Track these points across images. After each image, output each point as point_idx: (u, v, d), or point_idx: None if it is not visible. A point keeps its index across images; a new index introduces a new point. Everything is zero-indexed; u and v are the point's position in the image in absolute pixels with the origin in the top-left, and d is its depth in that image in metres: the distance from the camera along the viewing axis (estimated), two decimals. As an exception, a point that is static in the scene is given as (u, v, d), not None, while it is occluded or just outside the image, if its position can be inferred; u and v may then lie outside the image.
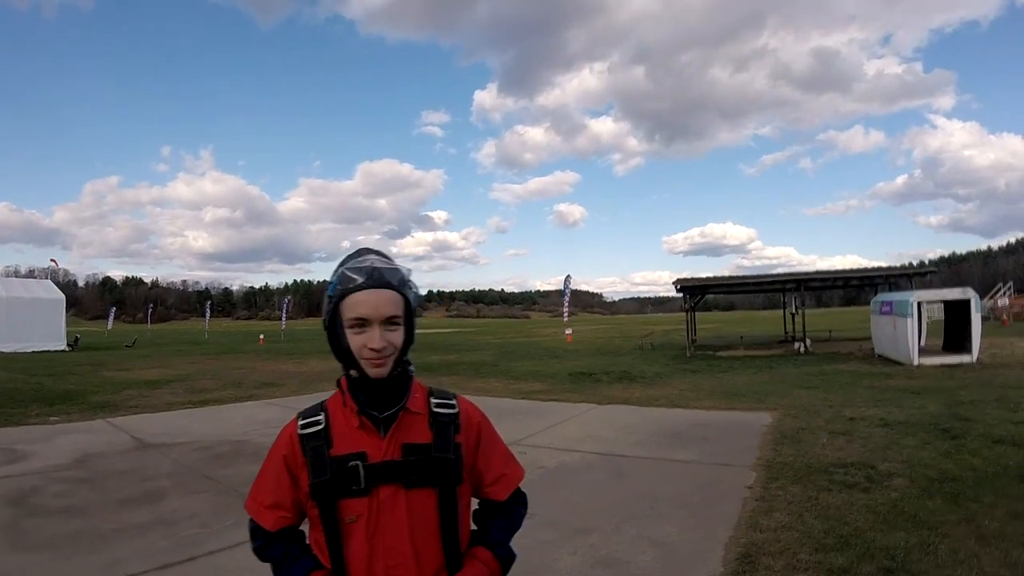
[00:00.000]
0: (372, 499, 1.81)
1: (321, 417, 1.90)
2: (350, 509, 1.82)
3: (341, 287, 1.82)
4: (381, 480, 1.82)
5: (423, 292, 2.04)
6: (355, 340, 1.81)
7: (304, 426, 1.89)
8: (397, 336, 1.83)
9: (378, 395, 1.86)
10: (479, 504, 2.12)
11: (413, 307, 1.90)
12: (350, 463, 1.81)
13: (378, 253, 1.93)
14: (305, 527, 1.98)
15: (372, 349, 1.78)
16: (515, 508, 2.14)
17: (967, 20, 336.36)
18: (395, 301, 1.83)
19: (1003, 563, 5.30)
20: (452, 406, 1.98)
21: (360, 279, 1.80)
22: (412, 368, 1.95)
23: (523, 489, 2.18)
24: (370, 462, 1.82)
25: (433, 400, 1.97)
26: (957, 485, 7.48)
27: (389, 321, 1.81)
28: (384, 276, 1.83)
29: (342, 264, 1.90)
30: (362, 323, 1.79)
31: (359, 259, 1.89)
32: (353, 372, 1.87)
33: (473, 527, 2.08)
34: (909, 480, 7.81)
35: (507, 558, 2.03)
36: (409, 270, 1.93)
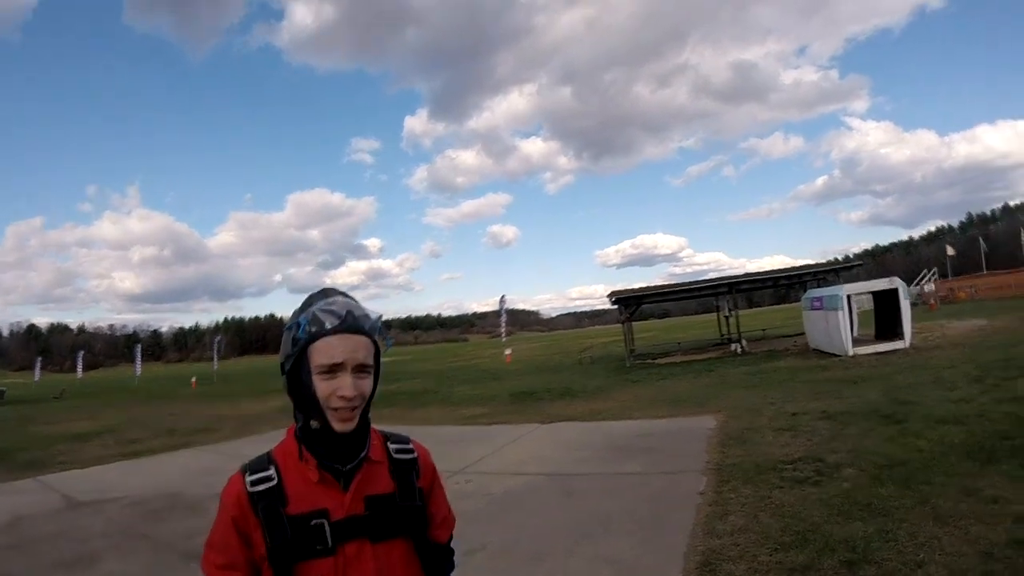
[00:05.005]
0: (338, 558, 1.64)
1: (272, 472, 1.70)
2: (313, 570, 1.63)
3: (313, 329, 1.65)
4: (347, 537, 1.66)
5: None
6: (324, 387, 1.63)
7: (254, 483, 1.69)
8: (367, 385, 1.69)
9: (339, 447, 1.69)
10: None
11: (381, 356, 1.78)
12: (312, 522, 1.64)
13: (343, 294, 1.78)
14: None
15: (342, 397, 1.62)
16: (453, 550, 2.01)
17: (880, 27, 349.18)
18: (368, 348, 1.70)
19: (964, 540, 5.29)
20: (411, 451, 1.88)
21: (334, 322, 1.65)
22: (369, 415, 1.79)
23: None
24: (334, 519, 1.65)
25: (391, 446, 1.85)
26: (906, 469, 7.49)
27: (361, 369, 1.67)
28: (358, 320, 1.68)
29: (307, 304, 1.73)
30: (333, 369, 1.63)
31: (329, 300, 1.72)
32: (314, 423, 1.68)
33: None
34: (859, 469, 7.78)
35: None
36: (380, 316, 1.78)
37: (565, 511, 7.86)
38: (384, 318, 1.80)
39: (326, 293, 1.77)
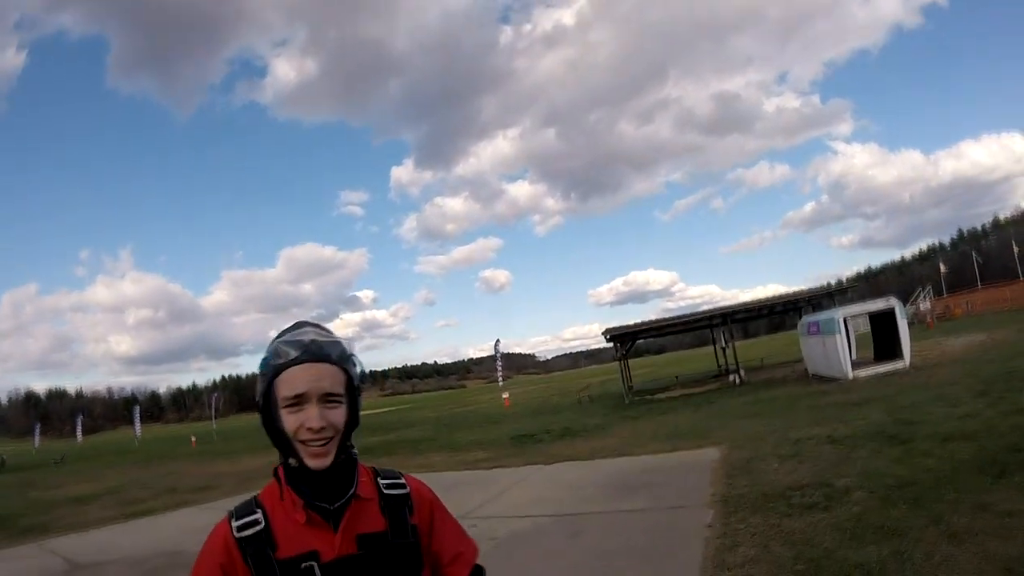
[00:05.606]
0: None
1: (259, 515, 1.62)
2: None
3: (275, 362, 1.59)
4: None
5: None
6: (291, 420, 1.55)
7: (240, 528, 1.60)
8: (337, 415, 1.59)
9: (324, 484, 1.60)
10: None
11: (356, 383, 1.68)
12: (303, 565, 1.55)
13: (316, 326, 1.69)
14: None
15: (310, 429, 1.53)
16: None
17: (858, 49, 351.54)
18: (334, 376, 1.60)
19: (981, 557, 5.14)
20: (402, 486, 1.76)
21: (296, 352, 1.58)
22: (355, 451, 1.70)
23: (481, 563, 1.87)
24: (324, 561, 1.56)
25: (381, 481, 1.74)
26: (917, 489, 7.32)
27: (328, 398, 1.57)
28: (323, 349, 1.60)
29: (278, 338, 1.66)
30: (298, 401, 1.55)
31: (295, 332, 1.65)
32: (292, 461, 1.60)
33: None
34: (868, 492, 7.62)
35: None
36: (351, 342, 1.70)
37: (571, 552, 7.72)
38: (380, 368, 1.70)
39: (296, 326, 1.69)
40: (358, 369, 1.70)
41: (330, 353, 1.60)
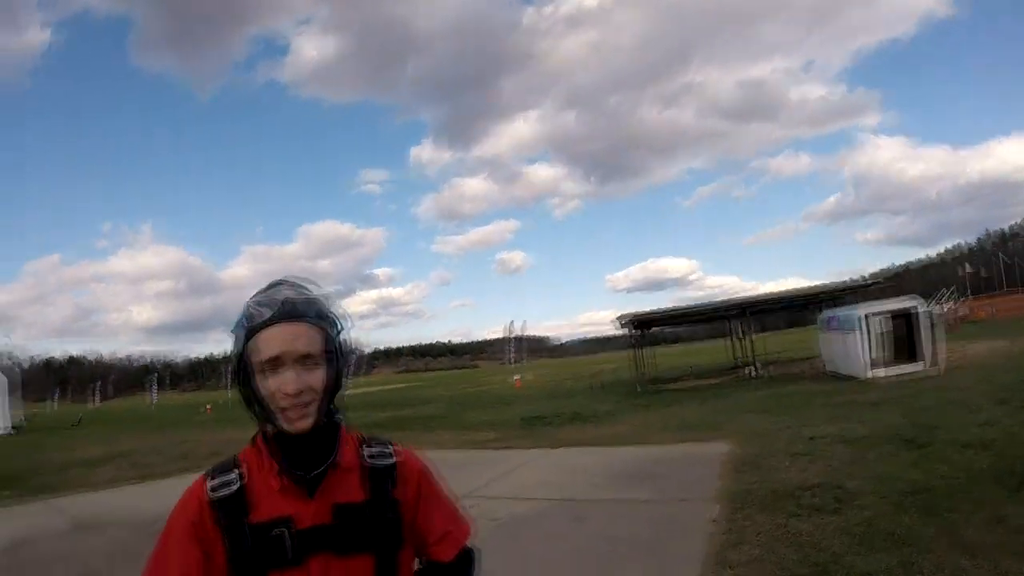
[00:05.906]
0: (302, 570, 1.49)
1: (234, 476, 1.56)
2: None
3: (248, 324, 1.51)
4: (312, 549, 1.50)
5: (368, 350, 1.55)
6: (267, 385, 1.48)
7: (215, 488, 1.54)
8: (316, 378, 1.50)
9: (302, 451, 1.52)
10: (423, 566, 1.76)
11: (338, 343, 1.58)
12: (274, 531, 1.49)
13: (294, 284, 1.59)
14: None
15: (287, 394, 1.46)
16: (464, 569, 1.78)
17: (887, 39, 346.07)
18: (311, 336, 1.51)
19: (993, 573, 5.00)
20: (388, 455, 1.67)
21: (269, 312, 1.49)
22: (340, 416, 1.63)
23: (473, 545, 1.79)
24: (297, 528, 1.50)
25: (366, 450, 1.66)
26: (930, 496, 7.15)
27: (305, 360, 1.49)
28: (297, 307, 1.51)
29: (252, 297, 1.58)
30: (274, 364, 1.47)
31: (270, 291, 1.56)
32: (270, 428, 1.54)
33: None
34: (880, 496, 7.44)
35: None
36: (328, 295, 1.62)
37: (573, 537, 7.66)
38: (394, 345, 1.56)
39: (274, 284, 1.59)
40: (339, 328, 1.61)
41: (305, 312, 1.52)
